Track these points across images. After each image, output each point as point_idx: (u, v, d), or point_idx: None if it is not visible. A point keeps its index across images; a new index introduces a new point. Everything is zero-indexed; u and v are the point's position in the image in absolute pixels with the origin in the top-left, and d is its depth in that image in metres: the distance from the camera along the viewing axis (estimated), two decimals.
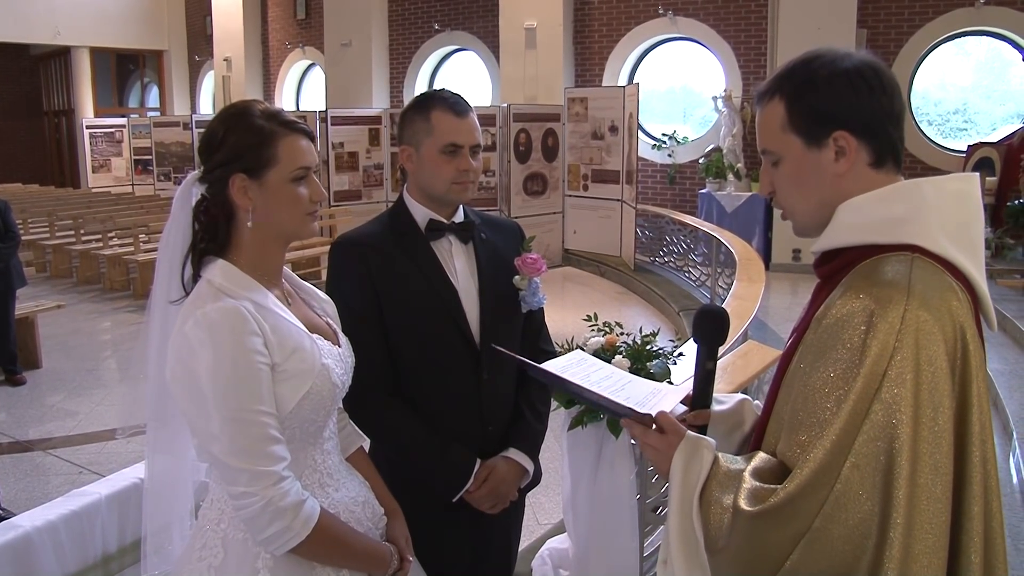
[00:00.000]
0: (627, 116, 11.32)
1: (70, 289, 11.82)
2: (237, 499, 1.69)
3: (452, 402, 2.30)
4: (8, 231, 7.28)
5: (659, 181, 13.67)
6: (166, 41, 22.17)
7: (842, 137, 1.49)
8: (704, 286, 9.64)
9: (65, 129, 22.89)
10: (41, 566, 2.69)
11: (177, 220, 1.83)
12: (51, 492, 5.31)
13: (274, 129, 1.78)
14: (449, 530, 2.31)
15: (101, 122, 20.87)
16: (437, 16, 16.03)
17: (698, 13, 13.00)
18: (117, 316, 10.36)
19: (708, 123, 13.88)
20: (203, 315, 1.68)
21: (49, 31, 19.98)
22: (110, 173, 20.41)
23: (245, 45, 19.43)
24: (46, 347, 8.22)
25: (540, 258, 2.41)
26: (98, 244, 12.42)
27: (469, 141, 2.28)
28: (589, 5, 13.95)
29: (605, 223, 11.79)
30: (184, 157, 17.87)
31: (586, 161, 12.20)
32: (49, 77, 23.43)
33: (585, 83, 13.86)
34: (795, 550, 1.34)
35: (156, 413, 1.88)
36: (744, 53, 12.66)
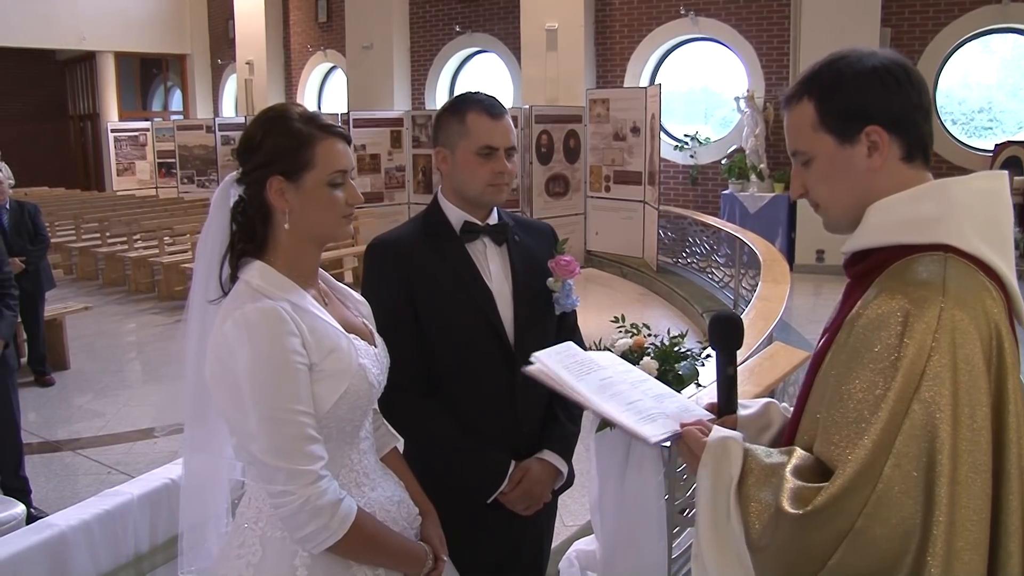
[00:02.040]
0: (649, 117, 11.30)
1: (96, 291, 11.93)
2: (275, 498, 1.70)
3: (486, 403, 2.31)
4: (38, 234, 7.36)
5: (681, 182, 13.63)
6: (189, 45, 22.33)
7: (875, 132, 1.50)
8: (727, 287, 9.60)
9: (90, 133, 23.12)
10: (75, 564, 2.72)
11: (215, 221, 1.85)
12: (80, 492, 5.37)
13: (312, 132, 1.80)
14: (482, 530, 2.31)
15: (125, 126, 21.05)
16: (458, 18, 16.06)
17: (720, 13, 12.95)
18: (142, 318, 10.44)
19: (729, 124, 13.83)
20: (242, 315, 1.70)
21: (75, 36, 20.19)
22: (134, 176, 20.58)
23: (267, 48, 19.54)
24: (73, 348, 8.30)
25: (573, 260, 2.41)
26: (123, 246, 12.54)
27: (504, 143, 2.29)
28: (610, 6, 13.93)
29: (627, 224, 11.77)
30: (207, 160, 17.98)
31: (608, 162, 12.18)
32: (75, 82, 23.68)
33: (607, 84, 13.84)
34: (838, 550, 1.35)
35: (194, 412, 1.89)
36: (767, 53, 12.60)
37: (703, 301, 9.43)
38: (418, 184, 13.74)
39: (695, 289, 10.05)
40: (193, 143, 18.22)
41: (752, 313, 5.34)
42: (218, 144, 17.47)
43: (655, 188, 11.21)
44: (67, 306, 8.52)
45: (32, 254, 7.18)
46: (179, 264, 11.09)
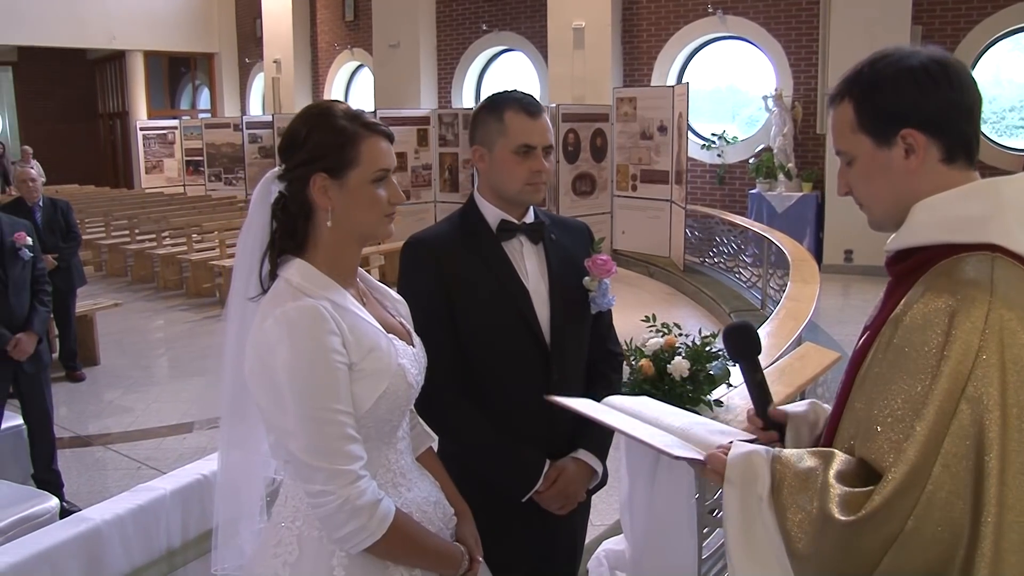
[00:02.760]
0: (676, 116, 11.24)
1: (125, 288, 12.04)
2: (314, 497, 1.70)
3: (522, 402, 2.30)
4: (70, 231, 7.43)
5: (708, 181, 13.57)
6: (217, 44, 22.51)
7: (910, 135, 1.49)
8: (755, 287, 9.53)
9: (119, 131, 23.37)
10: (109, 558, 2.73)
11: (255, 217, 1.84)
12: (111, 486, 5.43)
13: (356, 130, 1.79)
14: (516, 530, 2.30)
15: (154, 124, 21.27)
16: (485, 16, 16.07)
17: (748, 11, 12.87)
18: (170, 314, 10.53)
19: (755, 123, 13.75)
20: (282, 313, 1.69)
21: (105, 36, 20.41)
22: (162, 174, 20.78)
23: (294, 47, 19.65)
24: (103, 344, 8.39)
25: (610, 259, 2.40)
26: (152, 244, 12.65)
27: (542, 142, 2.28)
28: (637, 4, 13.89)
29: (654, 223, 11.72)
30: (234, 158, 18.12)
31: (635, 161, 12.13)
32: (104, 81, 23.93)
33: (633, 83, 13.80)
34: (888, 554, 1.34)
35: (232, 408, 1.89)
36: (795, 51, 12.51)
37: (730, 301, 9.38)
38: (444, 182, 13.76)
39: (722, 289, 10.00)
40: (220, 141, 18.37)
41: (782, 313, 5.31)
42: (245, 142, 17.61)
43: (682, 187, 11.16)
44: (97, 302, 8.60)
45: (64, 251, 7.25)
46: (207, 261, 11.18)
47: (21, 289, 4.72)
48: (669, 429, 1.80)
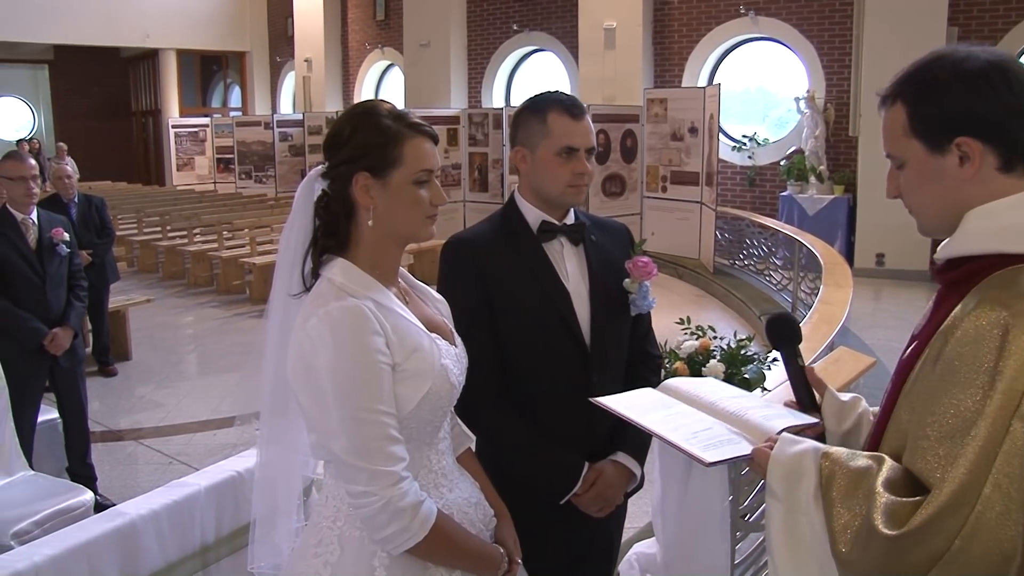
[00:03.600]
0: (707, 117, 11.19)
1: (156, 284, 12.16)
2: (356, 498, 1.70)
3: (561, 404, 2.29)
4: (104, 227, 7.50)
5: (738, 183, 13.48)
6: (248, 43, 22.67)
7: (965, 143, 1.43)
8: (785, 290, 9.46)
9: (151, 129, 23.61)
10: (145, 553, 2.75)
11: (298, 215, 1.84)
12: (142, 481, 5.47)
13: (400, 130, 1.79)
14: (553, 532, 2.30)
15: (186, 122, 21.47)
16: (515, 16, 16.06)
17: (780, 12, 12.78)
18: (201, 311, 10.61)
19: (785, 124, 13.66)
20: (326, 313, 1.69)
21: (139, 34, 20.62)
22: (193, 171, 20.97)
23: (325, 46, 19.75)
24: (134, 340, 8.47)
25: (651, 262, 2.39)
26: (183, 240, 12.75)
27: (585, 144, 2.27)
28: (669, 5, 13.83)
29: (683, 225, 11.66)
30: (265, 156, 18.25)
31: (665, 162, 12.08)
32: (137, 79, 24.20)
33: (664, 84, 13.74)
34: (933, 571, 1.30)
35: (273, 405, 1.89)
36: (828, 53, 12.40)
37: (760, 304, 9.32)
38: (474, 182, 13.77)
39: (752, 291, 9.93)
40: (251, 139, 18.52)
41: (815, 317, 5.26)
42: (276, 140, 17.72)
43: (712, 189, 11.10)
44: (130, 298, 8.68)
45: (98, 247, 7.32)
46: (237, 258, 11.25)
47: (58, 284, 4.77)
48: (723, 414, 1.79)
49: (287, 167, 17.76)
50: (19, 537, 3.61)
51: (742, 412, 1.77)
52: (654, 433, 1.80)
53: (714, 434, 1.72)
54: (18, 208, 4.67)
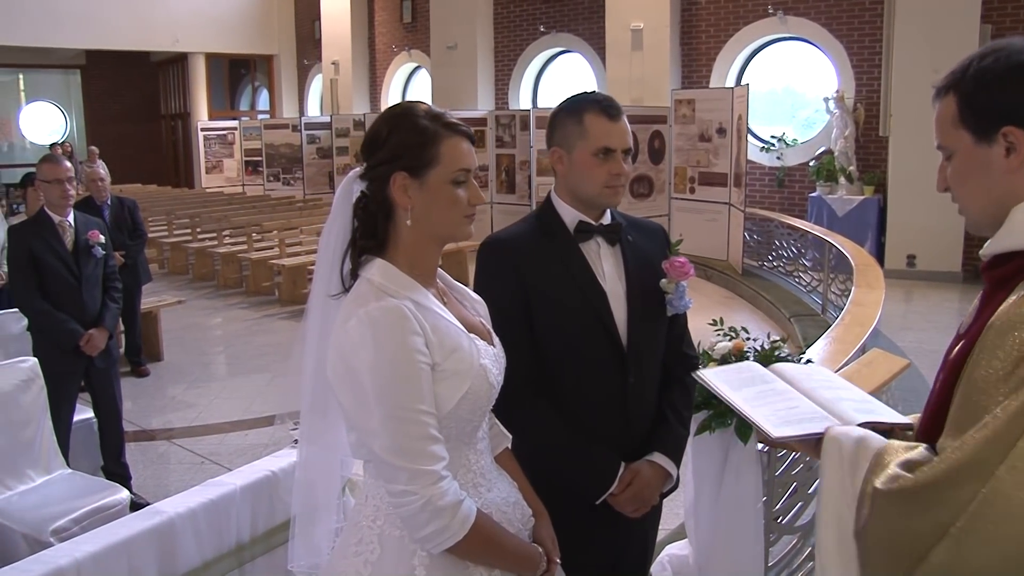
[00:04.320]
0: (736, 118, 11.13)
1: (186, 285, 12.27)
2: (396, 497, 1.71)
3: (597, 404, 2.30)
4: (136, 229, 7.60)
5: (767, 184, 13.40)
6: (276, 46, 22.84)
7: (1011, 132, 1.44)
8: (815, 292, 9.40)
9: (181, 132, 23.83)
10: (182, 551, 2.78)
11: (337, 216, 1.85)
12: (176, 480, 5.52)
13: (437, 130, 1.80)
14: (588, 532, 2.29)
15: (214, 125, 21.66)
16: (542, 18, 16.06)
17: (809, 12, 12.69)
18: (230, 312, 10.69)
19: (812, 125, 13.57)
20: (366, 313, 1.70)
21: (168, 39, 20.85)
22: (222, 174, 21.15)
23: (352, 49, 19.85)
24: (165, 340, 8.56)
25: (687, 262, 2.39)
26: (213, 242, 12.86)
27: (622, 145, 2.28)
28: (696, 5, 13.78)
29: (712, 226, 11.60)
30: (292, 158, 18.37)
31: (693, 163, 12.03)
32: (167, 82, 24.46)
33: (692, 84, 13.69)
34: (940, 545, 1.30)
35: (313, 405, 1.90)
36: (857, 52, 12.29)
37: (790, 305, 9.25)
38: (501, 184, 13.79)
39: (782, 293, 9.87)
40: (279, 142, 18.65)
41: (847, 319, 5.23)
42: (304, 143, 17.84)
43: (741, 190, 11.04)
44: (162, 299, 8.77)
45: (131, 249, 7.42)
46: (267, 260, 11.33)
47: (93, 286, 4.84)
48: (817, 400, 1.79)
49: (315, 169, 17.88)
50: (58, 534, 3.67)
51: (835, 401, 1.78)
52: (734, 407, 1.81)
53: (797, 412, 1.74)
54: (55, 210, 4.74)
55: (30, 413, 4.19)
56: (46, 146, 21.09)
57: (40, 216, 4.79)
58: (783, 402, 1.81)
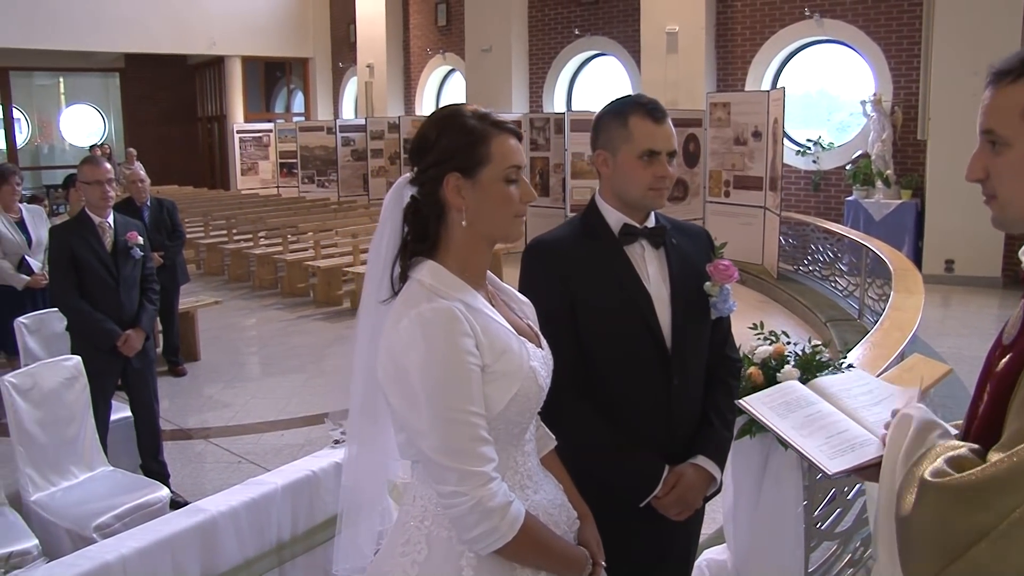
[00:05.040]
0: (771, 121, 11.05)
1: (222, 286, 12.39)
2: (446, 498, 1.71)
3: (641, 406, 2.30)
4: (175, 230, 7.70)
5: (803, 188, 13.29)
6: (311, 49, 23.00)
7: None
8: (852, 296, 9.31)
9: (217, 134, 24.06)
10: (224, 549, 2.82)
11: (387, 222, 1.86)
12: (214, 479, 5.58)
13: (486, 129, 1.81)
14: (632, 534, 2.29)
15: (250, 127, 21.82)
16: (577, 21, 16.05)
17: (846, 14, 12.56)
18: (266, 313, 10.78)
19: (847, 128, 13.43)
20: (417, 315, 1.71)
21: (206, 42, 21.07)
22: (257, 176, 21.30)
23: (387, 51, 19.94)
24: (202, 340, 8.65)
25: (732, 265, 2.38)
26: (249, 243, 12.97)
27: (667, 147, 2.28)
28: (732, 8, 13.69)
29: (747, 230, 11.53)
30: (327, 161, 18.49)
31: (728, 167, 11.97)
32: (204, 85, 24.71)
33: (727, 87, 13.62)
34: (980, 545, 1.27)
35: (363, 407, 1.91)
36: (895, 55, 12.15)
37: (826, 310, 9.17)
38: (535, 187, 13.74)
39: (817, 297, 9.78)
40: (314, 144, 18.78)
41: (886, 323, 5.18)
42: (339, 145, 17.97)
43: (776, 194, 10.96)
44: (199, 300, 8.86)
45: (170, 249, 7.50)
46: (302, 262, 11.42)
47: (131, 287, 4.89)
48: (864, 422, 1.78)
49: (349, 171, 17.99)
50: (101, 530, 3.72)
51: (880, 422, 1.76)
52: (786, 439, 1.80)
53: (848, 438, 1.72)
54: (95, 211, 4.80)
55: (73, 410, 4.25)
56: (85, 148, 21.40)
57: (81, 217, 4.86)
58: (832, 427, 1.79)
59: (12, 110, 22.45)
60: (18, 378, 4.08)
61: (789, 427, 1.83)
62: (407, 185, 1.86)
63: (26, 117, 23.43)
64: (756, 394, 1.99)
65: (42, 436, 4.11)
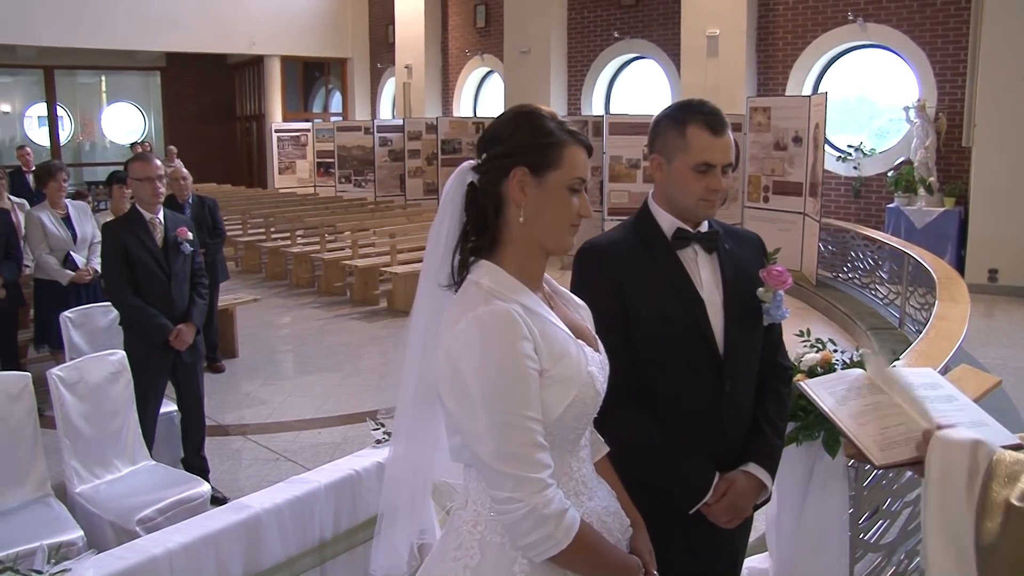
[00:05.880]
0: (812, 127, 10.95)
1: (259, 284, 12.48)
2: (501, 504, 1.70)
3: (693, 412, 2.28)
4: (216, 227, 7.76)
5: (843, 194, 13.14)
6: (350, 49, 23.15)
7: None
8: (892, 305, 9.18)
9: (255, 133, 24.27)
10: (267, 545, 2.83)
11: (447, 207, 1.85)
12: (252, 475, 5.62)
13: (562, 134, 1.81)
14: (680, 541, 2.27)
15: (288, 126, 22.03)
16: (616, 24, 16.00)
17: (891, 19, 12.41)
18: (302, 311, 10.85)
19: (886, 134, 13.25)
20: (474, 317, 1.70)
21: (245, 41, 21.29)
22: (294, 175, 21.49)
23: (426, 52, 20.02)
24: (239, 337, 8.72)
25: (786, 271, 2.35)
26: (286, 242, 13.05)
27: (723, 160, 2.26)
28: (774, 12, 13.58)
29: (786, 236, 11.39)
30: (364, 160, 18.58)
31: (767, 172, 11.87)
32: (243, 84, 24.95)
33: (768, 92, 13.50)
34: None
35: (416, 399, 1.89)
36: (941, 60, 11.98)
37: (866, 318, 9.06)
38: None
39: (857, 305, 9.66)
40: (351, 144, 18.88)
41: (931, 333, 5.09)
42: (376, 145, 18.06)
43: (816, 200, 10.85)
44: (237, 297, 8.93)
45: (210, 247, 7.56)
46: (339, 261, 11.47)
47: (182, 282, 4.93)
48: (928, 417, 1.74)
49: (386, 172, 18.08)
50: (143, 523, 3.76)
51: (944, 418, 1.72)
52: (839, 425, 1.77)
53: (904, 431, 1.69)
54: (146, 208, 4.85)
55: (118, 404, 4.30)
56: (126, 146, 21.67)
57: (132, 213, 4.91)
58: (890, 418, 1.76)
59: (56, 108, 22.80)
60: (65, 372, 4.13)
61: (845, 414, 1.79)
62: (470, 171, 1.85)
63: (69, 115, 23.78)
64: (817, 378, 1.96)
65: (87, 429, 4.15)
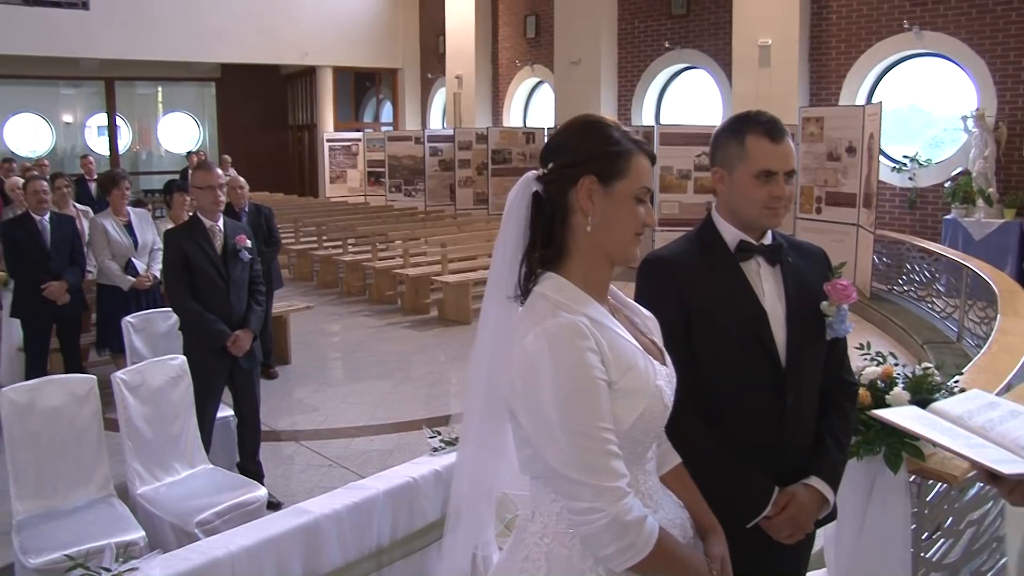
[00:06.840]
0: (867, 137, 10.79)
1: (311, 292, 12.63)
2: (580, 515, 1.69)
3: (754, 425, 2.26)
4: (271, 235, 7.88)
5: (898, 205, 12.93)
6: (401, 60, 23.34)
7: None
8: (950, 318, 9.00)
9: (307, 142, 24.60)
10: (326, 550, 2.86)
11: (512, 218, 1.85)
12: (305, 481, 5.69)
13: (628, 144, 1.82)
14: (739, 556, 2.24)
15: (339, 136, 22.28)
16: (667, 34, 15.94)
17: (948, 27, 12.18)
18: (354, 319, 10.95)
19: (940, 144, 13.00)
20: (543, 330, 1.70)
21: (298, 53, 21.59)
22: (345, 184, 21.71)
23: (476, 63, 20.11)
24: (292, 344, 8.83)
25: (851, 285, 2.33)
26: (338, 250, 13.19)
27: (784, 167, 2.25)
28: (828, 21, 13.43)
29: (839, 248, 11.23)
30: (415, 170, 18.73)
31: (820, 183, 11.72)
32: (295, 94, 25.31)
33: (821, 102, 13.34)
34: None
35: (487, 406, 1.90)
36: (1000, 68, 11.72)
37: (923, 332, 8.90)
38: None
39: (913, 319, 9.50)
40: (402, 153, 19.05)
41: (994, 347, 5.00)
42: (426, 155, 18.20)
43: (870, 211, 10.69)
44: (291, 304, 9.06)
45: (266, 255, 7.65)
46: (390, 269, 11.56)
47: (240, 288, 5.02)
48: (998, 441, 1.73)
49: (437, 181, 18.21)
50: (202, 526, 3.82)
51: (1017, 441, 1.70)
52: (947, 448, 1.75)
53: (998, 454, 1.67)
54: (206, 215, 4.95)
55: (178, 408, 4.39)
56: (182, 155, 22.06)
57: (193, 221, 5.01)
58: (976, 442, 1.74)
59: (116, 118, 23.33)
60: (128, 375, 4.23)
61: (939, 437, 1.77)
62: (534, 181, 1.86)
63: (127, 125, 24.33)
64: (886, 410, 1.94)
65: (148, 432, 4.24)
